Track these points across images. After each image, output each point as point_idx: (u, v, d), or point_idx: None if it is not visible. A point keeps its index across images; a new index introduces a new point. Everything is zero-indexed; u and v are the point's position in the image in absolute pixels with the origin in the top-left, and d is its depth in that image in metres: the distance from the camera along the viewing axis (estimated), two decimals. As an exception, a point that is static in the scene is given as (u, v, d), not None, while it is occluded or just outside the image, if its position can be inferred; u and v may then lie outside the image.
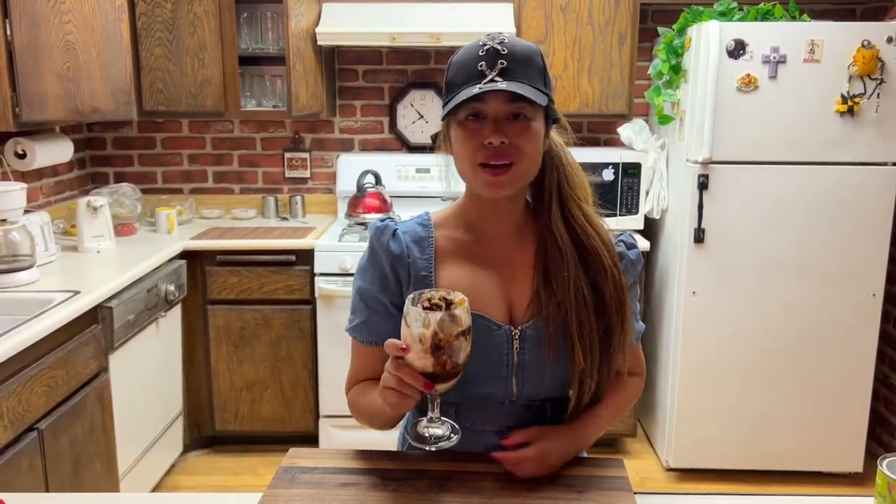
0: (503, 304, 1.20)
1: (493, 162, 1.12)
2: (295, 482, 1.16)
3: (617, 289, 1.19)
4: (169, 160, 3.77)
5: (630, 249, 1.26)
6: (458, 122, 1.14)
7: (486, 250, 1.23)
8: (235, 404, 3.26)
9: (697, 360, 3.05)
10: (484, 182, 1.14)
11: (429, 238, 1.23)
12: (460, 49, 1.17)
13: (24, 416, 1.95)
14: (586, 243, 1.19)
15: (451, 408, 1.22)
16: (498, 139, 1.10)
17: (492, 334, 1.18)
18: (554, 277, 1.18)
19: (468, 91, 1.09)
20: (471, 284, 1.19)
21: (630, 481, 1.18)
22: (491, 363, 1.19)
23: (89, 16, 2.73)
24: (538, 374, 1.19)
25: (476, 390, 1.20)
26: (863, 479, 3.08)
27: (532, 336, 1.18)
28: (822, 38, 2.79)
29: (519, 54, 1.12)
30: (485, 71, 1.10)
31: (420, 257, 1.21)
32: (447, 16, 3.23)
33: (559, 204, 1.21)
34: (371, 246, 1.24)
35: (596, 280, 1.18)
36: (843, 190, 2.89)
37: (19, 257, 2.48)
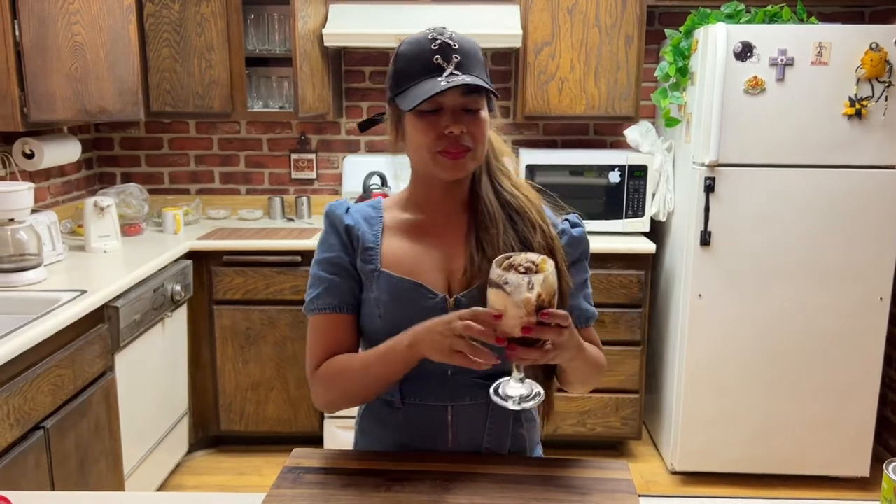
0: (442, 275, 1.26)
1: (452, 150, 1.19)
2: (299, 482, 1.16)
3: (546, 237, 1.25)
4: (176, 161, 3.78)
5: (574, 227, 1.33)
6: (416, 112, 1.19)
7: (429, 226, 1.29)
8: (241, 404, 3.26)
9: (703, 363, 3.04)
10: (444, 165, 1.20)
11: (378, 217, 1.31)
12: (405, 42, 1.23)
13: (30, 414, 1.96)
14: (513, 203, 1.28)
15: (396, 383, 1.25)
16: (459, 129, 1.18)
17: (427, 302, 1.23)
18: (484, 240, 1.24)
19: (432, 85, 1.15)
20: (411, 256, 1.26)
21: (634, 484, 1.18)
22: None
23: (97, 16, 2.74)
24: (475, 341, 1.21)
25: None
26: (869, 484, 3.07)
27: (466, 304, 1.20)
28: (830, 41, 2.78)
29: (468, 49, 1.21)
30: (442, 65, 1.17)
31: (368, 231, 1.29)
32: (454, 17, 3.23)
33: (487, 174, 1.30)
34: (328, 219, 1.31)
35: (524, 233, 1.25)
36: (850, 193, 2.88)
37: (26, 256, 2.49)
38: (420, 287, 1.23)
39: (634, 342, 3.19)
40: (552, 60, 3.29)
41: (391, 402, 1.28)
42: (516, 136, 3.71)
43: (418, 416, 1.27)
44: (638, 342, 3.19)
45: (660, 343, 3.35)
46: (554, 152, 3.50)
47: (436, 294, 1.23)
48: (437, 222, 1.29)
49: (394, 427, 1.29)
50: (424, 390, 1.26)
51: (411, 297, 1.23)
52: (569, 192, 3.31)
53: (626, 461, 1.35)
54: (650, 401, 3.48)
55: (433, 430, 1.27)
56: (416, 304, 1.22)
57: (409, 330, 1.16)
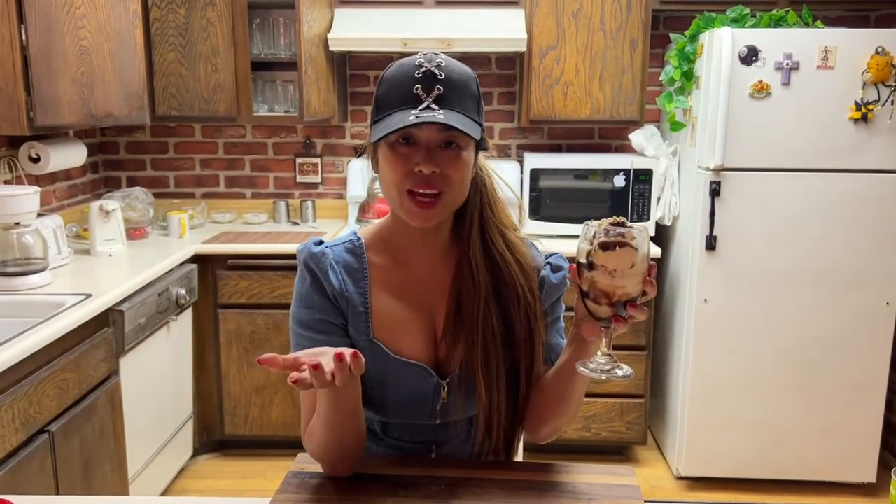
0: (428, 337, 1.21)
1: (421, 190, 1.09)
2: (304, 487, 1.16)
3: (529, 318, 1.19)
4: (181, 164, 3.79)
5: (555, 272, 1.24)
6: (389, 143, 1.09)
7: (412, 277, 1.22)
8: (245, 408, 3.26)
9: (708, 368, 3.03)
10: (410, 211, 1.11)
11: (362, 270, 1.21)
12: (394, 65, 1.13)
13: (35, 418, 1.96)
14: (503, 271, 1.19)
15: (376, 422, 1.26)
16: (429, 168, 1.07)
17: (422, 382, 1.21)
18: (466, 307, 1.18)
19: (402, 117, 1.06)
20: (400, 322, 1.20)
21: (640, 490, 1.17)
22: (418, 402, 1.22)
23: (103, 21, 2.75)
24: (461, 405, 1.22)
25: (402, 420, 1.24)
26: (876, 490, 3.05)
27: (455, 384, 1.21)
28: (835, 45, 2.78)
29: (456, 80, 1.10)
30: (421, 96, 1.07)
31: (355, 291, 1.19)
32: (459, 22, 3.23)
33: (480, 228, 1.20)
34: (310, 271, 1.19)
35: (508, 311, 1.19)
36: (856, 197, 2.87)
37: (32, 260, 2.49)
38: (413, 367, 1.19)
39: (639, 347, 3.18)
40: (557, 64, 3.29)
41: (374, 433, 1.28)
42: (521, 141, 3.71)
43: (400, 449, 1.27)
44: (643, 347, 3.18)
45: (665, 348, 3.34)
46: (559, 156, 3.50)
47: (431, 374, 1.20)
48: (419, 270, 1.21)
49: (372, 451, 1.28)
50: (408, 432, 1.26)
51: (406, 376, 1.20)
52: (573, 196, 3.31)
53: (632, 466, 1.35)
54: (655, 405, 3.47)
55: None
56: (410, 382, 1.20)
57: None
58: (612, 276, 1.01)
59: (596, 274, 1.02)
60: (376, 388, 1.20)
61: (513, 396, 1.23)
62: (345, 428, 1.12)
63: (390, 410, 1.23)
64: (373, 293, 1.20)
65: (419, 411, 1.23)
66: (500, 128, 3.71)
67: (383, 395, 1.21)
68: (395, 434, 1.27)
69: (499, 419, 1.21)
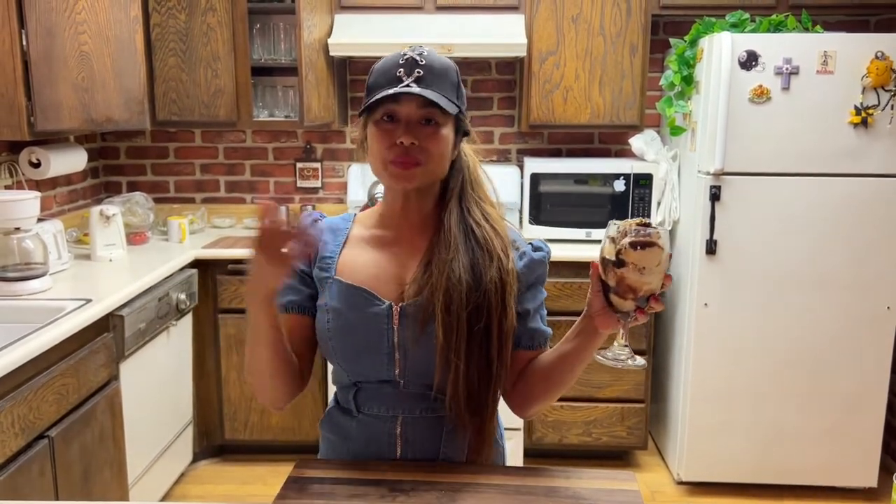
0: (394, 285, 1.27)
1: (401, 160, 1.20)
2: (304, 492, 1.16)
3: (501, 273, 1.24)
4: (181, 169, 3.79)
5: (535, 251, 1.32)
6: (375, 121, 1.22)
7: (391, 240, 1.31)
8: (245, 413, 3.26)
9: (709, 373, 3.03)
10: (393, 174, 1.22)
11: (344, 229, 1.34)
12: (383, 58, 1.25)
13: (34, 423, 1.96)
14: (476, 233, 1.27)
15: (351, 391, 1.29)
16: (408, 140, 1.19)
17: (373, 308, 1.25)
18: (435, 261, 1.25)
19: (383, 92, 1.18)
20: (366, 265, 1.29)
21: (641, 494, 1.17)
22: (372, 337, 1.24)
23: (104, 26, 2.76)
24: (419, 353, 1.24)
25: (363, 368, 1.27)
26: (877, 495, 3.04)
27: (411, 314, 1.24)
28: (835, 50, 2.78)
29: (436, 67, 1.22)
30: (402, 77, 1.19)
31: (331, 241, 1.32)
32: (459, 27, 3.24)
33: (458, 201, 1.30)
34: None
35: (477, 264, 1.24)
36: (856, 202, 2.87)
37: (32, 265, 2.49)
38: (367, 293, 1.25)
39: (640, 351, 3.17)
40: (557, 69, 3.29)
41: (349, 411, 1.31)
42: (521, 145, 3.71)
43: (370, 425, 1.29)
44: (644, 351, 3.18)
45: (666, 352, 3.34)
46: (559, 161, 3.51)
47: (382, 301, 1.25)
48: (399, 237, 1.30)
49: (349, 436, 1.31)
50: (377, 401, 1.28)
51: (358, 302, 1.25)
52: (574, 200, 3.31)
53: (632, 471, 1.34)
54: (656, 410, 3.46)
55: (382, 441, 1.28)
56: (363, 310, 1.25)
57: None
58: (641, 273, 1.10)
59: (625, 271, 1.11)
60: (332, 321, 1.26)
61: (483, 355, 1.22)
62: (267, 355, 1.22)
63: (347, 348, 1.26)
64: (347, 245, 1.32)
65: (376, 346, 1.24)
66: (500, 132, 3.71)
67: (338, 331, 1.25)
68: (365, 407, 1.29)
69: (459, 367, 1.20)
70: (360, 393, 1.29)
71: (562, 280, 3.08)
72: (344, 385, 1.33)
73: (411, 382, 1.26)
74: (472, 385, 1.21)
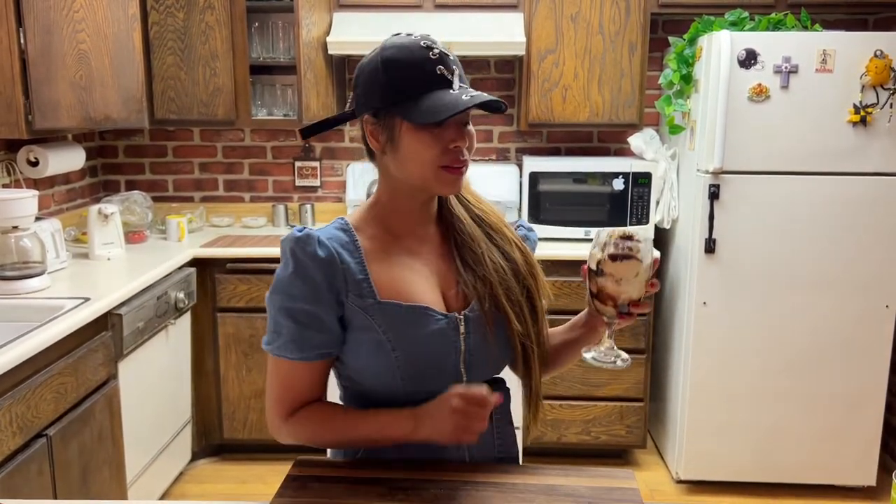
0: (437, 295, 1.23)
1: (456, 164, 1.15)
2: (302, 491, 1.15)
3: (524, 254, 1.28)
4: (180, 168, 3.78)
5: (529, 232, 1.36)
6: (417, 125, 1.12)
7: (407, 245, 1.24)
8: (244, 412, 3.26)
9: (708, 371, 3.03)
10: (446, 181, 1.16)
11: (354, 242, 1.20)
12: (394, 49, 1.15)
13: (33, 422, 1.95)
14: (486, 220, 1.27)
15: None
16: (465, 143, 1.16)
17: (438, 324, 1.19)
18: (470, 258, 1.24)
19: (452, 99, 1.11)
20: (405, 280, 1.20)
21: (640, 493, 1.17)
22: (441, 353, 1.20)
23: (102, 24, 2.75)
24: (483, 355, 1.23)
25: (431, 387, 1.17)
26: (877, 493, 3.04)
27: (473, 318, 1.22)
28: (834, 48, 2.78)
29: (455, 58, 1.18)
30: (446, 76, 1.13)
31: (352, 261, 1.17)
32: (458, 25, 3.23)
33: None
34: (294, 258, 1.15)
35: (504, 248, 1.26)
36: (855, 200, 2.87)
37: (30, 264, 2.49)
38: (427, 310, 1.19)
39: (639, 350, 3.17)
40: (556, 68, 3.29)
41: None
42: (520, 144, 3.71)
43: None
44: (642, 350, 3.18)
45: (664, 351, 3.34)
46: (557, 160, 3.50)
47: (444, 315, 1.20)
48: (412, 238, 1.24)
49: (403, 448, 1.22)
50: None
51: (421, 322, 1.18)
52: (572, 199, 3.31)
53: (631, 470, 1.34)
54: (655, 409, 3.46)
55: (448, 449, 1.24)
56: (427, 328, 1.17)
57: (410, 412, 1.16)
58: (619, 283, 1.15)
59: (604, 280, 1.16)
60: (397, 348, 1.16)
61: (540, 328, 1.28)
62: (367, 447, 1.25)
63: (416, 371, 1.18)
64: (369, 261, 1.19)
65: (444, 363, 1.19)
66: (498, 131, 3.71)
67: (405, 356, 1.17)
68: None
69: (533, 349, 1.25)
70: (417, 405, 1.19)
71: (560, 279, 3.08)
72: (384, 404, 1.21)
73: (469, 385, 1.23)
74: (542, 359, 1.27)
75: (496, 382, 1.29)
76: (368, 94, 1.16)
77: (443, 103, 1.10)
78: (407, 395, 1.18)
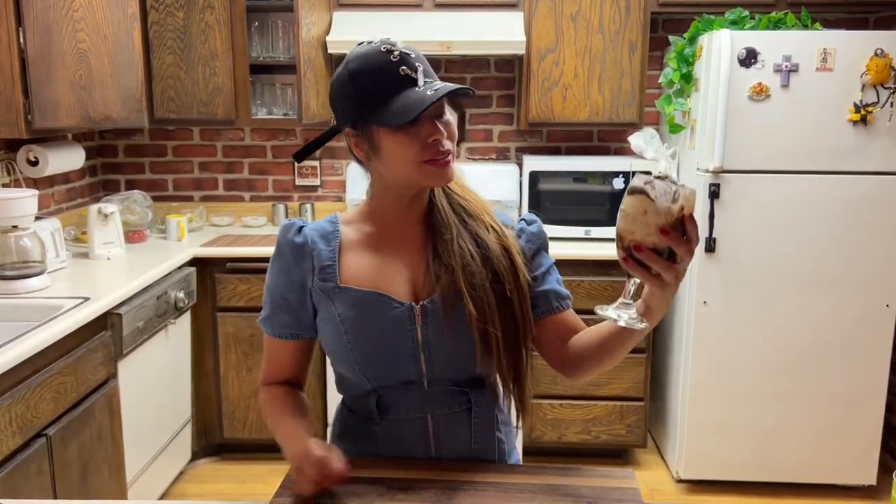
0: (407, 285, 1.24)
1: (438, 157, 1.16)
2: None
3: (500, 237, 1.25)
4: (180, 168, 3.78)
5: (531, 224, 1.33)
6: (392, 128, 1.15)
7: (389, 238, 1.27)
8: (244, 412, 3.26)
9: (708, 371, 3.03)
10: (433, 174, 1.18)
11: (335, 232, 1.28)
12: (356, 60, 1.16)
13: (32, 422, 1.95)
14: (466, 206, 1.28)
15: (372, 398, 1.26)
16: (443, 136, 1.16)
17: (393, 311, 1.22)
18: (441, 246, 1.24)
19: (419, 96, 1.12)
20: (372, 268, 1.25)
21: (640, 492, 1.16)
22: (396, 341, 1.22)
23: (101, 24, 2.75)
24: (444, 348, 1.22)
25: (387, 374, 1.24)
26: (877, 492, 3.04)
27: (432, 310, 1.22)
28: (834, 47, 2.78)
29: (420, 55, 1.19)
30: (411, 75, 1.14)
31: (325, 249, 1.26)
32: (457, 25, 3.23)
33: None
34: (277, 243, 1.29)
35: (478, 235, 1.25)
36: (855, 199, 2.87)
37: (30, 263, 2.49)
38: (384, 297, 1.22)
39: (639, 349, 3.17)
40: (556, 67, 3.29)
41: (371, 419, 1.27)
42: (520, 143, 3.71)
43: (398, 429, 1.26)
44: (643, 350, 3.18)
45: (665, 350, 3.33)
46: (558, 159, 3.50)
47: (401, 303, 1.22)
48: (395, 233, 1.27)
49: (372, 441, 1.28)
50: (403, 404, 1.25)
51: (376, 308, 1.21)
52: (572, 198, 3.31)
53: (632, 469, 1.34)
54: (655, 408, 3.46)
55: (414, 443, 1.26)
56: (382, 315, 1.21)
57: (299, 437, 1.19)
58: (626, 220, 1.03)
59: (618, 216, 1.05)
60: (349, 331, 1.22)
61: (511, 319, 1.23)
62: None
63: (369, 357, 1.23)
64: (345, 251, 1.26)
65: (399, 351, 1.22)
66: (499, 130, 3.71)
67: (357, 340, 1.22)
68: (389, 411, 1.26)
69: (495, 334, 1.21)
70: (381, 399, 1.26)
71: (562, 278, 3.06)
72: (359, 394, 1.28)
73: (436, 380, 1.24)
74: (510, 352, 1.23)
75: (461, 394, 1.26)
76: (343, 107, 1.20)
77: (410, 102, 1.12)
78: (370, 381, 1.25)
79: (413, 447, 1.26)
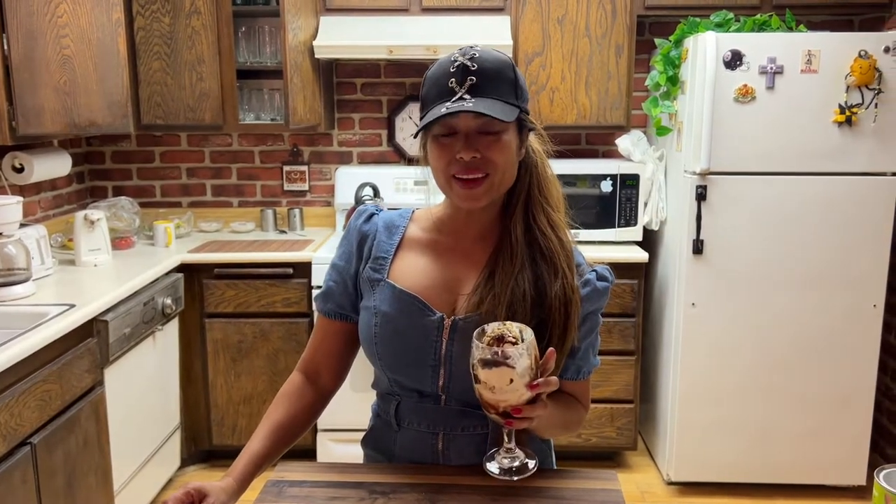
0: (449, 296, 1.23)
1: (464, 175, 1.15)
2: (282, 496, 1.15)
3: (565, 288, 1.19)
4: (167, 174, 3.77)
5: (599, 280, 1.26)
6: (433, 136, 1.17)
7: (449, 248, 1.27)
8: (233, 418, 3.24)
9: (697, 372, 3.03)
10: (459, 195, 1.18)
11: (400, 227, 1.30)
12: (435, 63, 1.19)
13: (16, 430, 1.94)
14: (541, 243, 1.21)
15: (393, 404, 1.27)
16: (469, 154, 1.13)
17: (424, 319, 1.21)
18: (498, 273, 1.20)
19: (437, 111, 1.12)
20: (422, 272, 1.24)
21: (623, 494, 1.16)
22: (419, 347, 1.21)
23: (86, 30, 2.74)
24: (465, 368, 1.18)
25: (406, 378, 1.24)
26: (866, 493, 3.05)
27: (462, 328, 1.19)
28: (819, 49, 2.79)
29: (489, 69, 1.14)
30: (454, 88, 1.13)
31: (385, 241, 1.28)
32: (444, 28, 3.23)
33: (524, 206, 1.24)
34: (348, 226, 1.33)
35: (542, 278, 1.19)
36: (842, 200, 2.88)
37: (15, 271, 2.47)
38: (420, 302, 1.21)
39: (628, 352, 3.17)
40: (543, 71, 3.30)
41: (390, 425, 1.29)
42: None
43: (412, 441, 1.26)
44: (632, 352, 3.18)
45: (654, 352, 3.34)
46: (546, 162, 3.50)
47: (434, 312, 1.21)
48: (458, 246, 1.26)
49: (393, 453, 1.29)
50: (417, 415, 1.25)
51: (410, 311, 1.21)
52: (561, 201, 3.30)
53: (621, 471, 1.34)
54: (645, 411, 3.46)
55: (422, 456, 1.26)
56: (414, 319, 1.21)
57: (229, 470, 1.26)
58: (493, 392, 1.04)
59: (480, 387, 1.05)
60: (379, 324, 1.23)
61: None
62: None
63: (391, 356, 1.23)
64: (404, 247, 1.28)
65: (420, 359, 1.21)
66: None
67: (384, 336, 1.22)
68: (406, 421, 1.26)
69: None
70: (400, 406, 1.26)
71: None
72: (384, 393, 1.30)
73: (453, 398, 1.22)
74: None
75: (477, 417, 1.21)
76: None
77: (432, 114, 1.13)
78: (391, 381, 1.26)
79: (422, 461, 1.26)
